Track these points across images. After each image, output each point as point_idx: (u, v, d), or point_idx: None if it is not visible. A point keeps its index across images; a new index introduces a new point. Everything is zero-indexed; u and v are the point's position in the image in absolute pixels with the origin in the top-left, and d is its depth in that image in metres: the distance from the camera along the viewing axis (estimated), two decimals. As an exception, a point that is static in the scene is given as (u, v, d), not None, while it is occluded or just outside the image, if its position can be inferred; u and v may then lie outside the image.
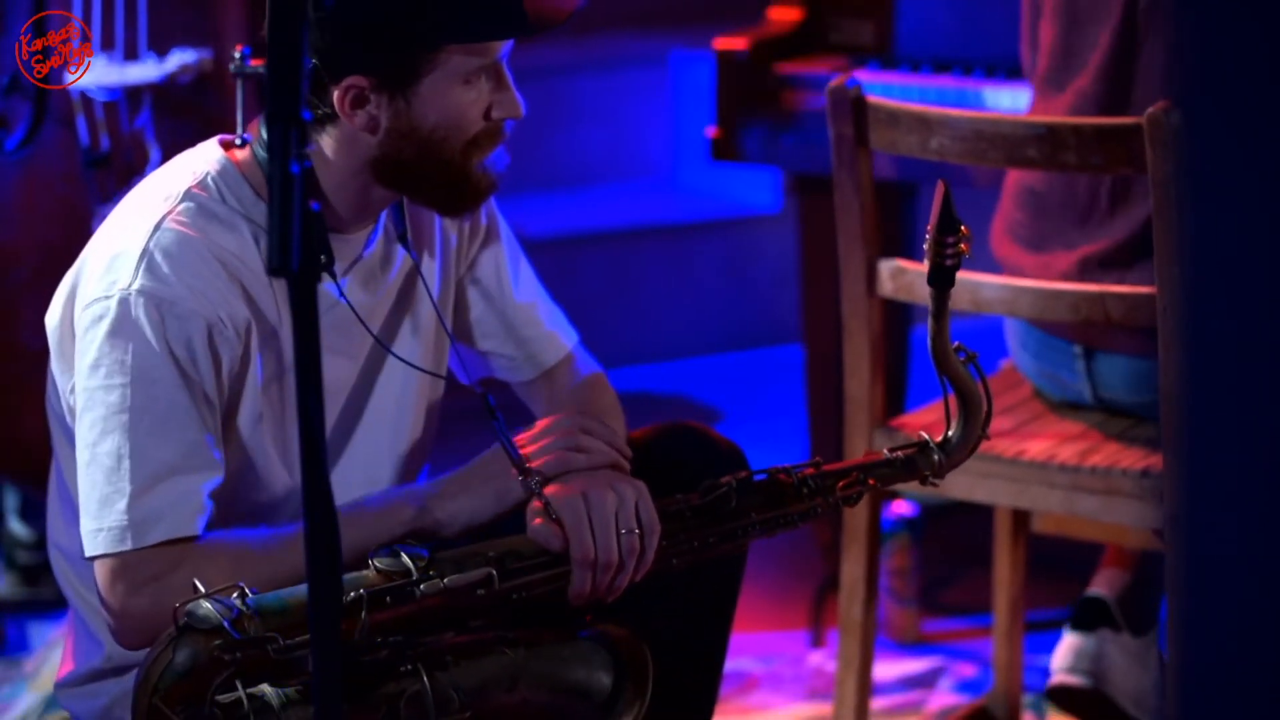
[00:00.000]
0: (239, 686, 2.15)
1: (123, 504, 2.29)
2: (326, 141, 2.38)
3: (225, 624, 2.14)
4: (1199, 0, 1.20)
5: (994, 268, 3.21)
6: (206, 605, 2.15)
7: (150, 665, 2.16)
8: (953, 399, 2.47)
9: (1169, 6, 3.03)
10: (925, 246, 2.37)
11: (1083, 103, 3.15)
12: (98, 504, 2.30)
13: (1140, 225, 3.11)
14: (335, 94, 2.34)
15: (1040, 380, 3.28)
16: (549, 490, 2.35)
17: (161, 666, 2.15)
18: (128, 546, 2.28)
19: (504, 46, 2.37)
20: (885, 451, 2.49)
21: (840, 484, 2.45)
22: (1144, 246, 3.05)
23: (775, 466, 2.44)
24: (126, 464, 2.29)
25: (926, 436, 2.49)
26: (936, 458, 2.48)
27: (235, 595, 2.17)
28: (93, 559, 2.31)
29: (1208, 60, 1.20)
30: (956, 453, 2.49)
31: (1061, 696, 3.42)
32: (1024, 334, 3.28)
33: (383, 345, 2.49)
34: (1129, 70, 3.12)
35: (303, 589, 2.20)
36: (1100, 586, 3.43)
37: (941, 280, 2.39)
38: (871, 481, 2.47)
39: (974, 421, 2.47)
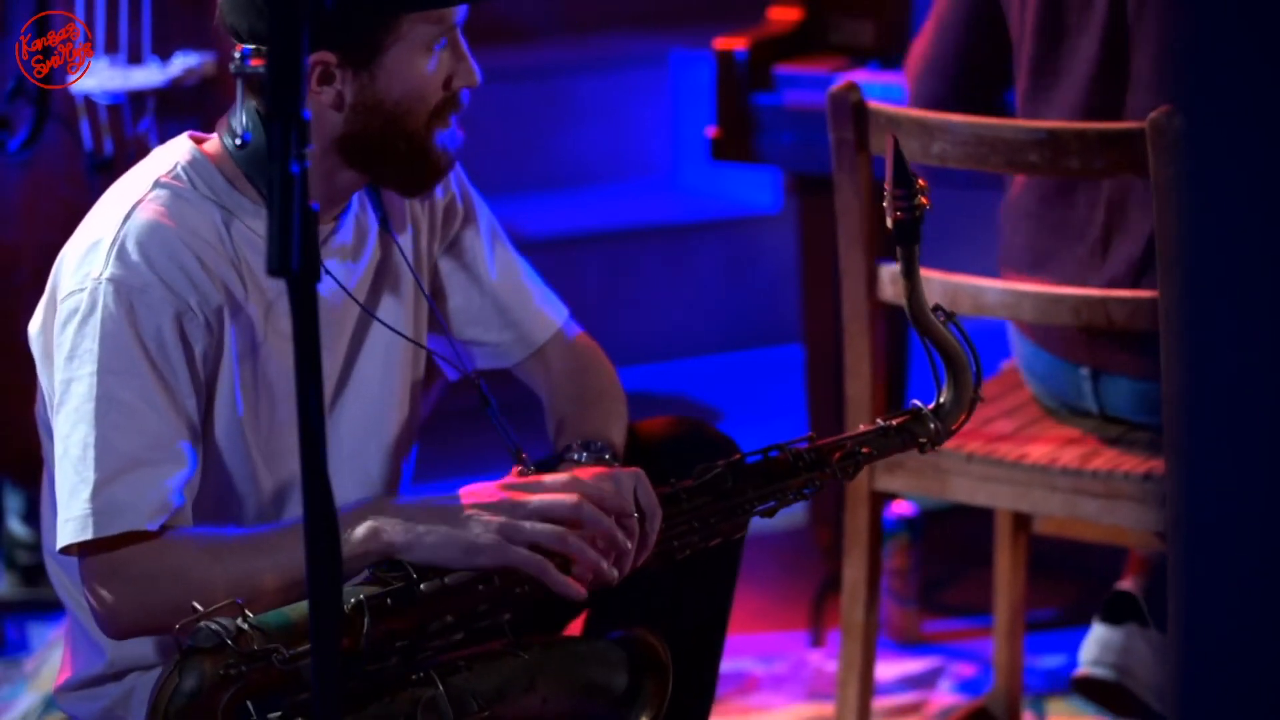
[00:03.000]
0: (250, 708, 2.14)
1: (86, 493, 2.26)
2: None
3: (228, 641, 2.13)
4: (1200, 3, 1.20)
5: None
6: (208, 625, 2.14)
7: (159, 692, 2.14)
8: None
9: (1163, 11, 3.03)
10: (884, 204, 2.35)
11: (1073, 116, 3.13)
12: (67, 494, 2.28)
13: (1140, 254, 3.09)
14: None
15: (1048, 402, 3.26)
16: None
17: (169, 691, 2.13)
18: (88, 536, 2.25)
19: (459, 12, 2.39)
20: (879, 421, 2.47)
21: (836, 455, 2.43)
22: (1145, 266, 3.05)
23: (767, 446, 2.43)
24: (91, 454, 2.26)
25: (919, 404, 2.47)
26: (933, 425, 2.45)
27: (238, 617, 2.16)
28: (63, 550, 2.28)
29: (1209, 64, 1.20)
30: (951, 417, 2.46)
31: (1086, 688, 3.43)
32: (1031, 358, 3.26)
33: (370, 313, 2.48)
34: (1120, 81, 3.11)
35: (303, 603, 2.19)
36: (1130, 582, 3.44)
37: (905, 236, 2.36)
38: (866, 450, 2.44)
39: (964, 383, 2.44)
